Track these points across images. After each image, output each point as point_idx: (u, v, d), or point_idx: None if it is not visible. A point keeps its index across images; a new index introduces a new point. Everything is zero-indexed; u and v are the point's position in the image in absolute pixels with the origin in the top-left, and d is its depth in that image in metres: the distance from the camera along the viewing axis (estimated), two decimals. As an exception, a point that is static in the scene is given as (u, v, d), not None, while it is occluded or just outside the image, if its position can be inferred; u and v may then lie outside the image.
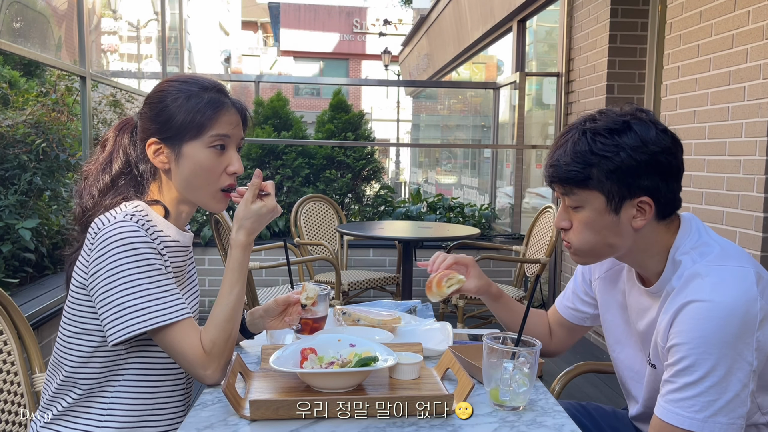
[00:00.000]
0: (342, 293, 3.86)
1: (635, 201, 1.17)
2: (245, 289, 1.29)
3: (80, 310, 1.26)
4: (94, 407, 1.28)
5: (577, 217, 1.22)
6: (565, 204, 1.24)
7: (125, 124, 1.38)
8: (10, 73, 4.24)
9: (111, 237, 1.19)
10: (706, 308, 1.08)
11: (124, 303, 1.18)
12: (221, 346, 1.23)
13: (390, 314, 1.67)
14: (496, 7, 6.81)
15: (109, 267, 1.18)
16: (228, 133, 1.30)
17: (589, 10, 4.50)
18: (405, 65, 16.31)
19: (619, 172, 1.16)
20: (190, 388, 1.41)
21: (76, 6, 3.58)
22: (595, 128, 1.18)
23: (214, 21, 22.95)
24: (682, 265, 1.17)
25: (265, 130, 5.48)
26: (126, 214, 1.24)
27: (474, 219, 5.60)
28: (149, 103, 1.33)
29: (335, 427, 1.10)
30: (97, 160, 1.36)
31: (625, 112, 1.20)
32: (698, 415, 1.07)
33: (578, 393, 3.31)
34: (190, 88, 1.30)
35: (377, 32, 26.06)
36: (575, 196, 1.20)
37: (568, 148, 1.19)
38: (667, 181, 1.18)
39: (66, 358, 1.28)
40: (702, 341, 1.07)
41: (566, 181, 1.20)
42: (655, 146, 1.16)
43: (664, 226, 1.22)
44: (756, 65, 2.72)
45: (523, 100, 5.50)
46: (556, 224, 1.28)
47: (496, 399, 1.20)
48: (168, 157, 1.30)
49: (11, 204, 3.37)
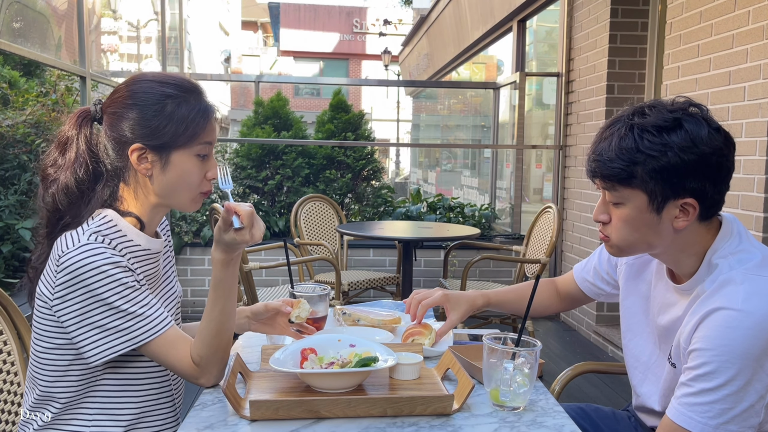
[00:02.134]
0: (342, 293, 3.86)
1: (679, 202, 1.13)
2: (232, 304, 1.24)
3: (48, 326, 1.21)
4: (78, 420, 1.24)
5: (617, 212, 1.18)
6: (606, 199, 1.20)
7: (83, 117, 1.29)
8: (10, 73, 4.24)
9: (77, 263, 1.14)
10: (736, 317, 1.06)
11: (104, 324, 1.16)
12: (209, 358, 1.21)
13: (390, 314, 1.67)
14: (496, 7, 6.80)
15: (79, 293, 1.15)
16: (212, 140, 1.28)
17: (589, 10, 4.50)
18: (405, 65, 16.31)
19: (664, 172, 1.11)
20: (179, 393, 1.39)
21: (76, 6, 3.58)
22: (644, 124, 1.13)
23: (214, 21, 22.95)
24: (718, 269, 1.14)
25: (265, 130, 5.48)
26: (90, 233, 1.18)
27: (474, 219, 5.60)
28: (128, 105, 1.24)
29: (335, 427, 1.10)
30: (58, 163, 1.26)
31: (676, 107, 1.15)
32: (711, 421, 1.06)
33: (578, 393, 3.31)
34: (173, 91, 1.25)
35: (377, 32, 26.05)
36: (617, 192, 1.16)
37: (613, 143, 1.14)
38: (715, 183, 1.13)
39: (40, 374, 1.24)
40: (726, 350, 1.05)
41: (609, 177, 1.15)
42: (706, 147, 1.11)
43: (705, 227, 1.18)
44: (756, 65, 2.72)
45: (523, 100, 5.50)
46: (594, 217, 1.23)
47: (496, 399, 1.20)
48: (153, 164, 1.25)
49: (11, 204, 3.37)
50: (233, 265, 1.22)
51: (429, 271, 5.17)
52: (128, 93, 1.26)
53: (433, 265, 5.17)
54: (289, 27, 27.49)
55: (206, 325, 1.22)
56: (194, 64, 18.54)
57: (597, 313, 4.31)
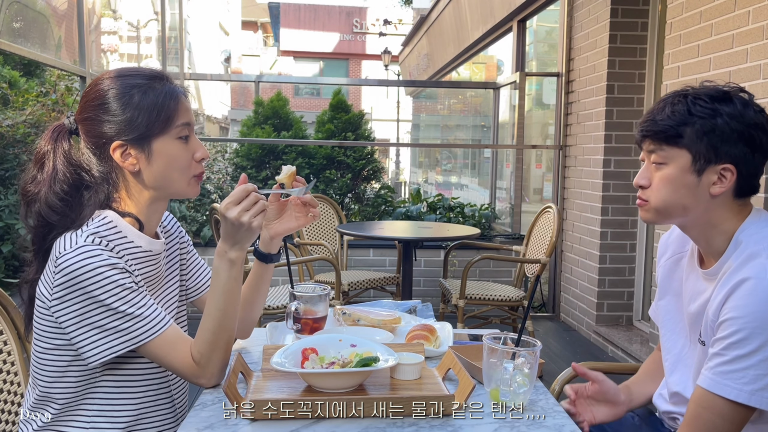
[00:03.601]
0: (342, 293, 3.86)
1: (719, 167, 1.20)
2: (231, 301, 1.24)
3: (46, 326, 1.21)
4: (77, 422, 1.24)
5: (659, 174, 1.24)
6: (650, 161, 1.26)
7: (59, 131, 1.27)
8: (10, 73, 4.24)
9: (73, 265, 1.14)
10: (764, 286, 1.11)
11: (102, 325, 1.16)
12: (208, 356, 1.21)
13: (390, 314, 1.67)
14: (496, 7, 6.80)
15: (76, 295, 1.15)
16: (188, 120, 1.27)
17: (589, 10, 4.50)
18: (405, 65, 16.31)
19: (711, 134, 1.19)
20: (178, 395, 1.38)
21: (76, 6, 3.58)
22: (697, 93, 1.22)
23: (214, 21, 22.96)
24: (743, 245, 1.20)
25: (265, 130, 5.49)
26: (88, 234, 1.18)
27: (474, 219, 5.60)
28: (97, 106, 1.23)
29: (335, 427, 1.10)
30: (37, 179, 1.24)
31: (729, 88, 1.24)
32: (746, 387, 1.10)
33: (578, 393, 3.31)
34: (137, 81, 1.24)
35: (377, 32, 26.04)
36: (662, 152, 1.23)
37: (666, 109, 1.23)
38: (754, 155, 1.20)
39: (40, 374, 1.24)
40: (758, 316, 1.10)
41: (658, 134, 1.23)
42: (752, 120, 1.19)
43: (737, 206, 1.24)
44: (756, 65, 2.72)
45: (523, 100, 5.50)
46: (636, 182, 1.29)
47: (496, 399, 1.20)
48: (137, 158, 1.24)
49: (11, 204, 3.37)
50: (228, 259, 1.23)
51: (429, 271, 5.18)
52: (93, 95, 1.25)
53: (433, 265, 5.17)
54: (289, 27, 27.48)
55: (204, 321, 1.23)
56: (194, 64, 18.55)
57: (597, 313, 4.31)
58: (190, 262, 1.49)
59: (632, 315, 4.33)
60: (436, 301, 4.81)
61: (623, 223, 4.27)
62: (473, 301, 3.67)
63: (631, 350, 3.82)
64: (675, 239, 1.43)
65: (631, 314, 4.34)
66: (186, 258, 1.48)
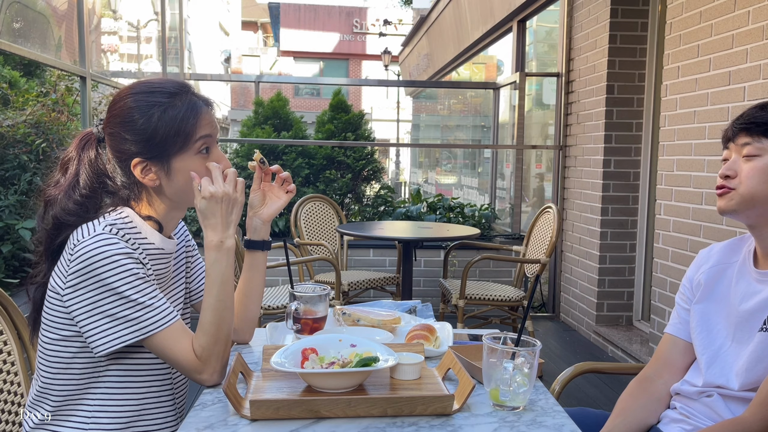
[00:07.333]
0: (342, 293, 3.86)
1: None
2: (228, 291, 1.27)
3: (56, 316, 1.23)
4: (77, 415, 1.25)
5: (750, 164, 1.31)
6: (740, 156, 1.33)
7: (86, 140, 1.31)
8: (11, 73, 4.24)
9: (90, 251, 1.16)
10: None
11: (111, 314, 1.17)
12: (210, 349, 1.23)
13: (390, 314, 1.67)
14: (496, 7, 6.80)
15: (90, 281, 1.17)
16: (210, 132, 1.29)
17: (589, 10, 4.50)
18: (405, 65, 16.30)
19: None
20: (180, 391, 1.39)
21: (76, 6, 3.58)
22: None
23: (214, 21, 22.97)
24: None
25: (265, 131, 5.49)
26: (106, 224, 1.21)
27: (474, 219, 5.61)
28: (119, 123, 1.27)
29: (335, 427, 1.11)
30: (60, 183, 1.29)
31: None
32: None
33: (578, 393, 3.31)
34: (158, 99, 1.26)
35: (377, 32, 26.04)
36: (759, 144, 1.30)
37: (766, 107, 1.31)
38: None
39: (44, 366, 1.26)
40: None
41: (758, 126, 1.30)
42: None
43: None
44: (756, 65, 2.73)
45: (523, 100, 5.50)
46: (722, 172, 1.35)
47: (496, 399, 1.20)
48: (157, 174, 1.27)
49: (11, 204, 3.37)
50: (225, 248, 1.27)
51: (429, 271, 5.18)
52: (117, 110, 1.28)
53: (433, 265, 5.17)
54: (289, 27, 27.49)
55: (203, 313, 1.26)
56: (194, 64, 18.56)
57: (597, 313, 4.31)
58: (195, 266, 1.51)
59: (632, 315, 4.34)
60: (436, 301, 4.81)
61: (623, 223, 4.27)
62: (473, 301, 3.67)
63: (631, 350, 3.82)
64: (719, 251, 1.49)
65: (631, 314, 4.34)
66: (191, 261, 1.50)
